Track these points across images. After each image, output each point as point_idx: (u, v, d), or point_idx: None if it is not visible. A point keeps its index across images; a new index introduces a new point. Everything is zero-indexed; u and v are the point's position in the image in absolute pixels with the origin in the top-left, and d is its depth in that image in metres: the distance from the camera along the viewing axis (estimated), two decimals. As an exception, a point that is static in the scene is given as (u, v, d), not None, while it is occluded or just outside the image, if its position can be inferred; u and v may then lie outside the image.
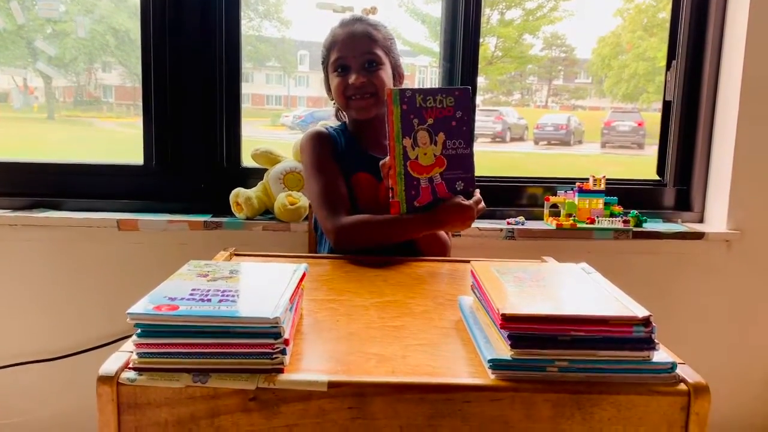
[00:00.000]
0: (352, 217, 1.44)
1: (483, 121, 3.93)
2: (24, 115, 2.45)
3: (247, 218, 1.85)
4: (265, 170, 1.90)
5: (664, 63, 2.06)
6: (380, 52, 1.52)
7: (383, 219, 1.40)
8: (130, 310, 0.79)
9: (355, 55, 1.50)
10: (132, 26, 2.15)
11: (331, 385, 0.79)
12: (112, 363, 0.81)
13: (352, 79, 1.49)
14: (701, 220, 2.05)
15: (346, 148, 1.57)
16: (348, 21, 1.55)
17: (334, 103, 1.61)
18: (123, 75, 2.46)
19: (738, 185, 1.91)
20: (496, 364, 0.82)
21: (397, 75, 1.58)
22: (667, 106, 2.07)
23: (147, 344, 0.80)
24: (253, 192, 1.86)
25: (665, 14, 2.06)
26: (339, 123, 1.65)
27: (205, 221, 1.83)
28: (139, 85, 1.94)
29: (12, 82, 2.31)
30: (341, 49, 1.51)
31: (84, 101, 2.56)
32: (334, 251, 1.55)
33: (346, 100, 1.52)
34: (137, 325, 0.80)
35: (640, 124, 4.08)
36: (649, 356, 0.81)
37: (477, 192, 1.42)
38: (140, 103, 1.94)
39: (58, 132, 2.71)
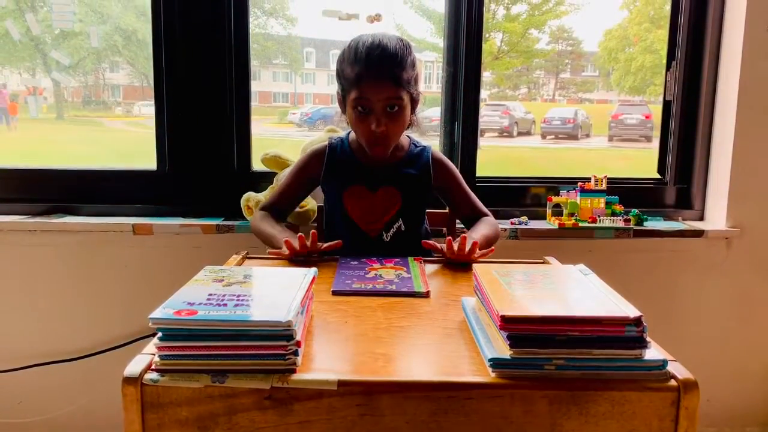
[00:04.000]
0: (261, 213, 1.67)
1: (490, 116, 3.91)
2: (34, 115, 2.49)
3: (258, 221, 1.89)
4: (275, 174, 1.94)
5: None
6: (404, 95, 1.48)
7: (265, 227, 1.59)
8: (152, 315, 0.84)
9: (380, 99, 1.46)
10: (139, 26, 2.18)
11: (341, 384, 0.83)
12: (136, 365, 0.85)
13: (373, 126, 1.47)
14: (701, 218, 2.07)
15: (344, 159, 1.63)
16: (374, 55, 1.44)
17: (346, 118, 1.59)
18: (131, 75, 2.49)
19: (737, 183, 1.94)
20: (497, 363, 0.86)
21: (414, 100, 1.55)
22: (667, 105, 2.10)
23: (168, 347, 0.85)
24: (263, 195, 1.90)
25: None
26: (346, 131, 1.69)
27: (217, 225, 1.88)
28: (146, 84, 1.97)
29: (25, 89, 2.35)
30: (365, 90, 1.46)
31: (92, 101, 2.60)
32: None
33: (365, 141, 1.53)
34: (159, 329, 0.84)
35: (647, 117, 4.05)
36: (641, 354, 0.85)
37: None
38: (147, 102, 1.97)
39: (69, 132, 2.74)
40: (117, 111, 2.66)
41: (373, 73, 1.45)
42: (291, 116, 3.47)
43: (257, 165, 2.02)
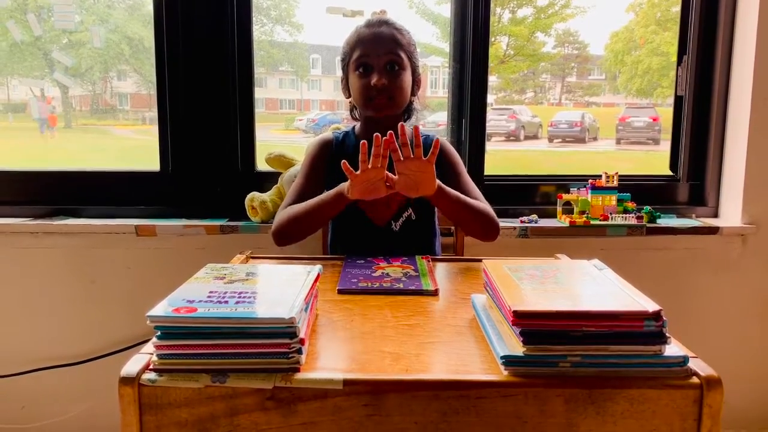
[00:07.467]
0: (284, 210, 1.52)
1: (496, 120, 3.92)
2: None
3: (263, 221, 1.87)
4: (279, 174, 1.92)
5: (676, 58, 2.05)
6: (403, 56, 1.52)
7: (303, 205, 1.48)
8: (149, 313, 0.81)
9: (379, 54, 1.50)
10: (146, 34, 2.17)
11: (347, 383, 0.80)
12: (133, 365, 0.82)
13: (374, 79, 1.49)
14: (716, 215, 2.03)
15: (350, 150, 1.58)
16: (374, 22, 1.54)
17: (350, 101, 1.61)
18: (138, 83, 2.49)
19: (752, 179, 1.90)
20: (509, 361, 0.83)
21: (416, 80, 1.58)
22: (678, 101, 2.06)
23: (167, 346, 0.82)
24: (267, 196, 1.88)
25: (678, 8, 2.04)
26: (350, 125, 1.66)
27: (221, 225, 1.85)
28: (153, 92, 1.97)
29: (30, 93, 2.35)
30: (365, 47, 1.51)
31: (100, 109, 2.59)
32: (335, 250, 1.60)
33: (366, 100, 1.52)
34: (157, 327, 0.82)
35: (654, 120, 4.03)
36: (660, 350, 0.82)
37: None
38: (155, 111, 1.97)
39: (76, 140, 2.74)
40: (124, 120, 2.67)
41: (374, 32, 1.52)
42: (297, 122, 3.48)
43: (262, 165, 1.99)
